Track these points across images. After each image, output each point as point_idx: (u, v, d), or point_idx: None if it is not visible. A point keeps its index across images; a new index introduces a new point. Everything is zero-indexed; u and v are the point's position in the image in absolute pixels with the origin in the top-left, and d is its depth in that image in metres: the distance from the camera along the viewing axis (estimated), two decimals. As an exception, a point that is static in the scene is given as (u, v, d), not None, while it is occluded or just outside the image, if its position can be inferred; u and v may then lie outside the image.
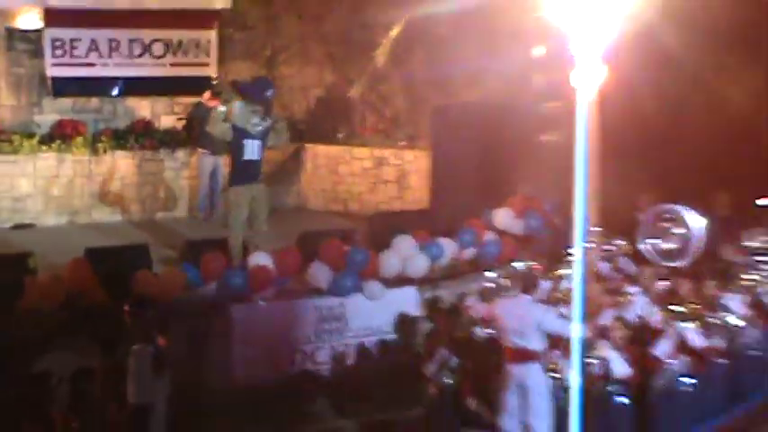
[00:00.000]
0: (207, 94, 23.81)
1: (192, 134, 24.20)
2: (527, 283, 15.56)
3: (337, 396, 18.04)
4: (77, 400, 13.78)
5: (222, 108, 20.17)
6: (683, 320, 15.56)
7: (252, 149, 19.17)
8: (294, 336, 18.33)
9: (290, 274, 18.58)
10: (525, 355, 14.72)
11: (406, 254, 19.37)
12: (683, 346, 15.40)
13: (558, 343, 14.99)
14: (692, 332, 15.45)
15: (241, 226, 19.21)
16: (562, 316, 14.88)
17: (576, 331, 12.59)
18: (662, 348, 15.34)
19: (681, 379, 15.30)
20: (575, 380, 13.60)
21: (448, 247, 19.88)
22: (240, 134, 19.16)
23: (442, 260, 19.88)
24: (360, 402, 17.75)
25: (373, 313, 18.84)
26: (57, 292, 17.16)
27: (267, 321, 18.14)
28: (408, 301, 19.11)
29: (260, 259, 18.33)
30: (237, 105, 19.47)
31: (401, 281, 19.29)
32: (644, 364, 15.42)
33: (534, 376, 14.71)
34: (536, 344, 14.72)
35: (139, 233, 22.25)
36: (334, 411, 17.83)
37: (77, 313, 16.81)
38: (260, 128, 19.22)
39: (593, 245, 17.51)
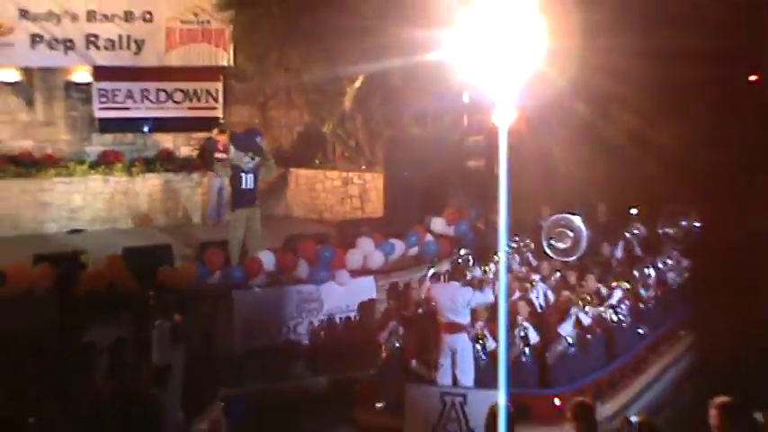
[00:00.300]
0: (215, 131, 23.68)
1: (204, 161, 23.89)
2: (455, 273, 15.54)
3: (313, 358, 17.91)
4: (114, 363, 13.60)
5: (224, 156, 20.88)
6: (577, 304, 15.49)
7: (246, 181, 19.09)
8: (281, 313, 18.21)
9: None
10: (456, 328, 14.65)
11: (366, 251, 19.20)
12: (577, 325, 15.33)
13: (480, 317, 14.96)
14: (582, 314, 15.32)
15: (237, 241, 19.04)
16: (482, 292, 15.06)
17: (501, 306, 12.53)
18: (565, 328, 15.25)
19: (570, 346, 15.23)
20: (502, 343, 13.56)
21: (398, 246, 19.72)
22: (237, 170, 19.14)
23: (393, 256, 19.70)
24: (330, 364, 17.65)
25: (341, 296, 18.73)
26: (101, 281, 17.03)
27: (260, 303, 18.05)
28: (368, 287, 18.94)
29: (265, 257, 18.34)
30: (233, 150, 19.85)
31: (363, 272, 19.15)
32: (546, 335, 15.29)
33: (462, 343, 14.68)
34: (463, 319, 14.70)
35: (164, 236, 21.85)
36: (311, 371, 17.68)
37: (116, 297, 16.75)
38: (251, 165, 19.15)
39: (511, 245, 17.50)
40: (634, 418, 10.86)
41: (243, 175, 19.12)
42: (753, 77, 23.32)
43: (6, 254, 18.81)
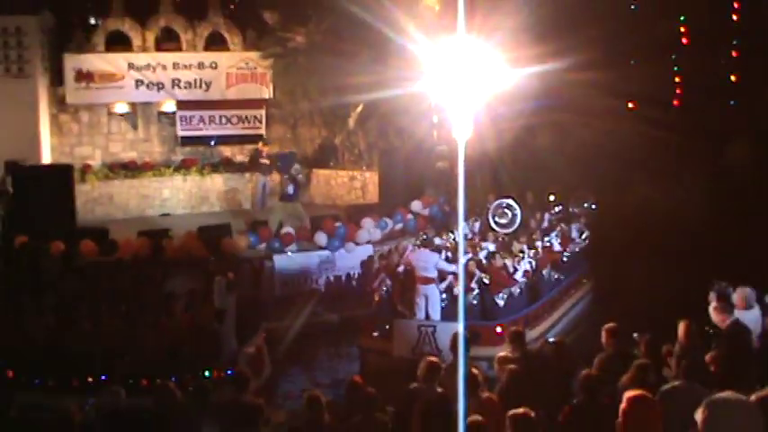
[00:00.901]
0: (260, 144, 23.49)
1: (252, 165, 23.63)
2: (425, 243, 15.38)
3: (329, 302, 17.71)
4: (189, 306, 13.43)
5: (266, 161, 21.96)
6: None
7: (289, 188, 20.17)
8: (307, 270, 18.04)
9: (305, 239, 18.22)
10: (427, 281, 14.46)
11: (369, 228, 18.91)
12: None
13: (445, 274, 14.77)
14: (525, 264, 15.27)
15: (274, 223, 19.20)
16: (447, 259, 15.08)
17: (460, 264, 12.32)
18: (517, 275, 15.26)
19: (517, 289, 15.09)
20: (461, 290, 13.36)
21: (389, 223, 19.41)
22: (288, 180, 20.24)
23: (386, 231, 19.37)
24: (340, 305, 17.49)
25: (350, 259, 18.49)
26: (179, 251, 16.84)
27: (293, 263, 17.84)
28: (369, 252, 18.65)
29: (287, 230, 18.18)
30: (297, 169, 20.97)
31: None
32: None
33: (431, 291, 14.51)
34: (432, 274, 14.52)
35: (226, 217, 21.52)
36: (328, 310, 17.45)
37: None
38: (299, 176, 20.65)
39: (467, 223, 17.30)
40: (551, 339, 10.71)
41: (290, 183, 20.12)
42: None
43: (119, 231, 18.81)
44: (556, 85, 19.47)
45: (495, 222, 17.42)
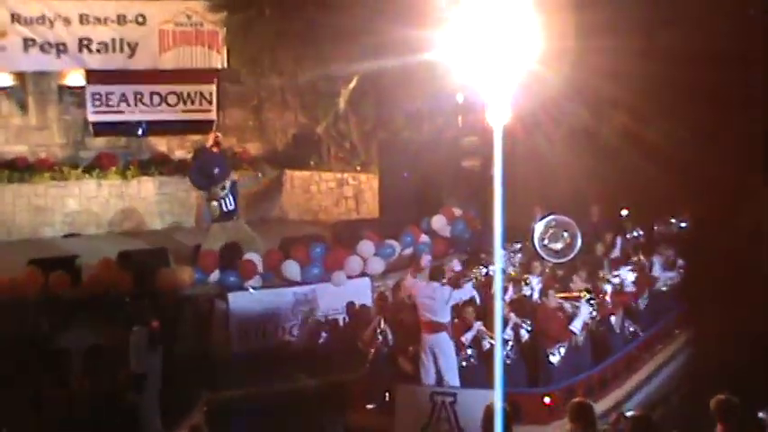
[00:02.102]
0: (213, 133, 23.78)
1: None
2: (434, 275, 15.61)
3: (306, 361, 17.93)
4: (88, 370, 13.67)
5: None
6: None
7: (226, 204, 19.80)
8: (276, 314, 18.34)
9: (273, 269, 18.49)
10: (436, 327, 14.83)
11: (365, 253, 19.25)
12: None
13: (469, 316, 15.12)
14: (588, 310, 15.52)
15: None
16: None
17: (497, 306, 12.57)
18: (575, 325, 15.35)
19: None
20: (498, 343, 13.64)
21: (396, 247, 19.74)
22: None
23: (391, 258, 19.73)
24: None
25: (338, 297, 18.75)
26: (95, 286, 17.07)
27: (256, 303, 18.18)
28: (365, 288, 19.01)
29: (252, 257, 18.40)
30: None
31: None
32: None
33: (442, 342, 14.79)
34: (443, 317, 14.83)
35: (161, 240, 21.91)
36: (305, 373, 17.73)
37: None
38: (225, 192, 19.78)
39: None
40: (629, 413, 10.95)
41: (221, 201, 19.66)
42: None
43: None
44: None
45: (546, 248, 17.62)
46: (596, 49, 18.26)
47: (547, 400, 14.23)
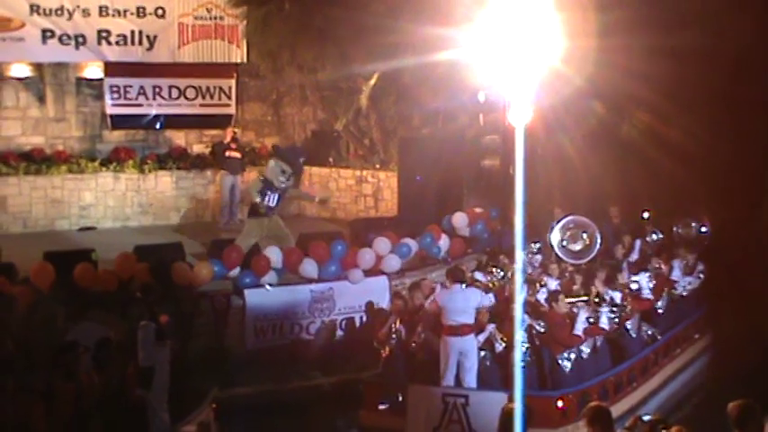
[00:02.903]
0: (230, 129, 23.94)
1: (216, 159, 24.13)
2: (456, 276, 15.51)
3: (323, 359, 18.05)
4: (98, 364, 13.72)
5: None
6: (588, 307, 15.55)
7: (270, 199, 19.23)
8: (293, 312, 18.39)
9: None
10: (465, 330, 14.81)
11: (380, 250, 19.27)
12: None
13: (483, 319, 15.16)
14: (605, 314, 15.47)
15: (247, 247, 18.89)
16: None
17: (517, 309, 12.64)
18: (578, 327, 15.27)
19: (582, 348, 15.34)
20: (517, 345, 13.73)
21: (412, 246, 19.74)
22: (266, 185, 19.18)
23: (409, 257, 19.70)
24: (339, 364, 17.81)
25: (356, 295, 18.80)
26: (110, 279, 17.14)
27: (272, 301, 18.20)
28: (383, 286, 19.03)
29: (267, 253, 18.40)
30: (272, 163, 19.55)
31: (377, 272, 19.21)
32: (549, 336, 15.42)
33: (470, 344, 14.82)
34: (470, 320, 14.86)
35: (176, 235, 22.07)
36: (321, 371, 17.80)
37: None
38: (283, 186, 19.30)
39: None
40: (646, 417, 10.98)
41: (269, 193, 19.22)
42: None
43: (14, 252, 18.84)
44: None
45: (564, 249, 17.64)
46: (618, 47, 18.28)
47: (560, 403, 14.22)
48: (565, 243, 17.55)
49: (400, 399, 14.75)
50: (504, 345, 15.05)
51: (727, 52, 20.53)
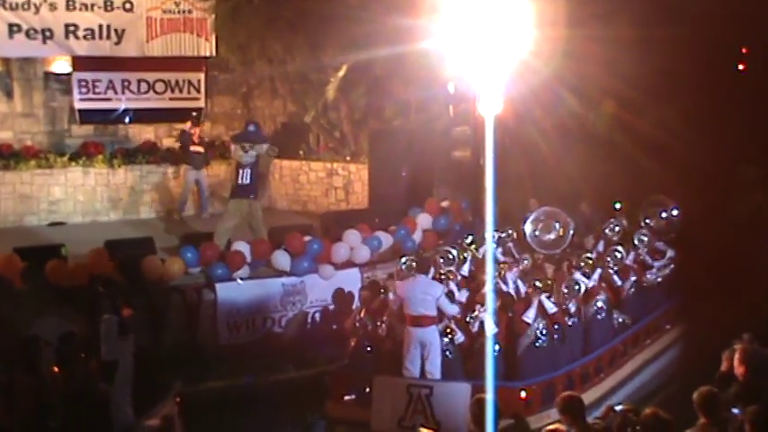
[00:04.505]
0: (188, 123, 24.01)
1: (183, 148, 24.20)
2: (422, 267, 15.52)
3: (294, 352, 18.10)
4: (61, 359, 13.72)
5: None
6: (542, 293, 15.51)
7: (243, 176, 19.72)
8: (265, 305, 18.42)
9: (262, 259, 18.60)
10: (426, 320, 14.81)
11: (351, 243, 19.33)
12: (542, 312, 15.40)
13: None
14: (547, 302, 15.42)
15: (226, 230, 19.41)
16: (451, 294, 15.41)
17: (488, 297, 12.62)
18: (528, 314, 15.29)
19: (540, 336, 15.29)
20: (489, 335, 13.76)
21: (383, 239, 19.80)
22: (236, 166, 19.93)
23: (381, 250, 19.79)
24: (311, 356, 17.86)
25: (326, 289, 18.88)
26: (81, 274, 17.10)
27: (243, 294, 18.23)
28: (355, 280, 19.06)
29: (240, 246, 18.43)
30: (233, 148, 20.36)
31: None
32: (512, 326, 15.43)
33: (432, 336, 14.81)
34: (432, 311, 14.82)
35: (147, 229, 22.03)
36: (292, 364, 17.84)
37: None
38: (249, 159, 19.69)
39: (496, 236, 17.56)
40: (619, 407, 11.09)
41: (240, 170, 19.68)
42: (740, 66, 23.46)
43: None
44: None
45: (537, 239, 17.73)
46: (588, 37, 18.36)
47: (523, 394, 14.29)
48: (537, 233, 17.66)
49: (368, 390, 14.76)
50: (464, 336, 15.14)
51: (700, 42, 20.66)
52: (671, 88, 20.92)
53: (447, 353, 14.93)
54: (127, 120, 25.18)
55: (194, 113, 24.71)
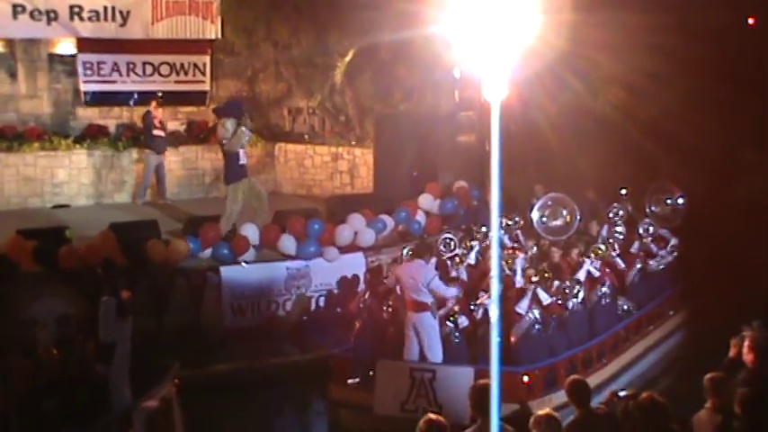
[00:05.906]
0: (153, 104, 23.95)
1: (145, 130, 24.10)
2: (421, 251, 15.57)
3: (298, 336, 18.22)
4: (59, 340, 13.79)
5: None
6: (537, 286, 15.55)
7: (242, 157, 19.64)
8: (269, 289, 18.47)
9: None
10: (419, 306, 14.87)
11: (355, 226, 19.41)
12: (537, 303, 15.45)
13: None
14: (542, 293, 15.47)
15: (235, 213, 19.37)
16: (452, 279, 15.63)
17: (493, 283, 12.56)
18: (521, 305, 15.31)
19: (535, 325, 15.29)
20: (495, 321, 13.73)
21: (388, 222, 19.91)
22: (231, 147, 19.54)
23: (384, 233, 19.89)
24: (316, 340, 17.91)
25: (331, 272, 18.93)
26: (93, 257, 17.15)
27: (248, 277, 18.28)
28: (359, 263, 19.12)
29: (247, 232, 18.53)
30: (241, 128, 19.54)
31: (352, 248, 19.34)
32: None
33: (425, 322, 14.84)
34: (426, 297, 14.84)
35: (152, 213, 22.11)
36: (297, 348, 17.95)
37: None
38: (247, 139, 19.82)
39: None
40: (622, 393, 11.18)
41: (240, 151, 19.53)
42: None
43: None
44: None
45: (544, 225, 17.78)
46: (594, 23, 18.38)
47: (525, 378, 14.35)
48: (545, 220, 17.71)
49: (371, 374, 14.80)
50: (467, 320, 15.24)
51: (702, 25, 20.67)
52: (676, 74, 20.92)
53: (453, 337, 15.02)
54: (131, 102, 25.20)
55: (159, 94, 24.67)
